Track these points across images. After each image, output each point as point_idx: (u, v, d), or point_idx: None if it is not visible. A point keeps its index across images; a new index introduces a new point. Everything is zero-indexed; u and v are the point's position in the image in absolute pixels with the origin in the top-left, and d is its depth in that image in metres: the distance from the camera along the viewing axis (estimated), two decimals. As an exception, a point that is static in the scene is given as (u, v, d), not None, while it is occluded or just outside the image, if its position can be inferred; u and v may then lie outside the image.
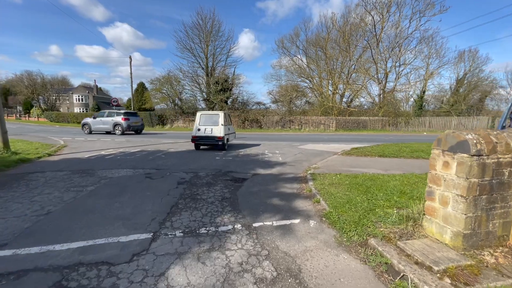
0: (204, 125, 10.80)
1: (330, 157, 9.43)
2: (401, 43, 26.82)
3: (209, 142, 10.85)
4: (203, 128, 10.75)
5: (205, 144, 11.12)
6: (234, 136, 13.23)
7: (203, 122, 10.86)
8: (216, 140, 10.61)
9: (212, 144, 10.99)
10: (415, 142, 13.12)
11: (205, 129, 10.72)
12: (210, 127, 10.70)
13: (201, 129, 10.75)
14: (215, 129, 10.64)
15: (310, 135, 21.81)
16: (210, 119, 10.86)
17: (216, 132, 10.62)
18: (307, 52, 39.40)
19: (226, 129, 11.13)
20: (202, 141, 10.88)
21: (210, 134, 10.65)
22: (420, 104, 31.29)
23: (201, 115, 11.11)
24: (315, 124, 26.25)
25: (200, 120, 10.90)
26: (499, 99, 38.74)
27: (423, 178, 5.88)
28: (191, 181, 5.89)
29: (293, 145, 13.14)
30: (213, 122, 10.76)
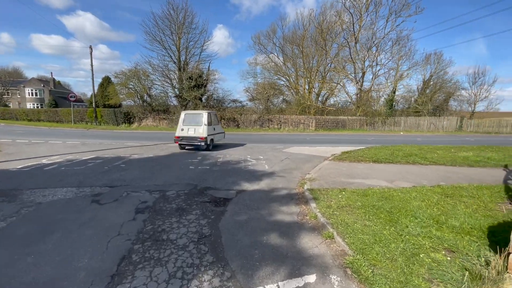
0: (188, 125, 10.44)
1: (321, 163, 8.36)
2: (378, 43, 26.98)
3: (192, 143, 10.41)
4: (186, 128, 10.40)
5: (188, 144, 10.60)
6: (223, 137, 12.52)
7: (186, 122, 10.51)
8: (199, 140, 10.16)
9: (195, 145, 10.44)
10: (403, 145, 12.63)
11: (188, 129, 10.36)
12: (193, 127, 10.32)
13: (184, 129, 10.41)
14: (198, 129, 10.23)
15: (291, 135, 20.87)
16: (194, 119, 10.47)
17: (199, 132, 10.19)
18: (284, 49, 38.66)
19: (211, 129, 10.66)
20: (185, 142, 10.44)
21: (193, 134, 10.25)
22: (390, 104, 32.06)
23: (185, 114, 10.77)
24: (294, 124, 25.44)
25: (184, 120, 10.56)
26: (461, 100, 41.29)
27: (441, 194, 4.98)
28: (155, 207, 4.36)
29: (277, 148, 11.94)
30: (196, 122, 10.35)
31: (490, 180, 6.48)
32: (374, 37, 26.81)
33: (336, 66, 28.88)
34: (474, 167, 8.11)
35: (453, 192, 5.05)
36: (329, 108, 30.41)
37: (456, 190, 5.23)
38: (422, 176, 6.69)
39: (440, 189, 5.34)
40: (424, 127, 26.69)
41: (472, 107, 40.74)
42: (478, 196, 4.85)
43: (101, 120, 28.37)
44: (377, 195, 4.82)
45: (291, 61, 37.53)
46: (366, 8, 25.18)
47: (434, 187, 5.52)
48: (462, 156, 9.36)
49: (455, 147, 11.48)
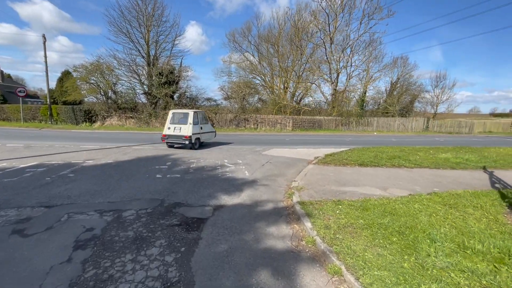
0: (174, 123, 10.68)
1: (306, 168, 7.68)
2: (352, 44, 27.39)
3: (177, 141, 10.60)
4: (173, 126, 10.63)
5: (174, 143, 10.76)
6: (213, 136, 12.55)
7: (173, 121, 10.75)
8: (183, 139, 10.31)
9: (180, 143, 10.59)
10: (384, 146, 12.49)
11: (175, 128, 10.56)
12: (180, 126, 10.50)
13: (171, 127, 10.65)
14: (184, 128, 10.39)
15: (269, 136, 20.20)
16: (180, 118, 10.70)
17: (184, 131, 10.35)
18: (259, 48, 38.06)
19: (197, 128, 10.77)
20: (171, 140, 10.69)
21: (178, 133, 10.44)
22: (361, 104, 33.02)
23: (172, 113, 11.05)
24: (271, 124, 24.86)
25: (171, 119, 10.83)
26: (425, 102, 44.06)
27: (443, 204, 4.50)
28: (104, 237, 3.27)
29: (256, 150, 11.11)
30: (182, 121, 10.55)
31: (478, 184, 6.26)
32: (348, 39, 27.20)
33: (311, 66, 28.86)
34: (457, 169, 7.98)
35: (455, 202, 4.60)
36: (304, 108, 30.35)
37: (456, 199, 4.80)
38: (413, 182, 6.28)
39: (438, 198, 4.88)
40: (395, 128, 27.67)
41: (435, 109, 43.64)
42: (481, 206, 4.44)
43: (58, 118, 25.38)
44: (378, 208, 4.18)
45: (267, 60, 37.05)
46: (342, 9, 25.39)
47: (431, 195, 5.06)
48: (442, 157, 9.31)
49: (433, 149, 11.56)
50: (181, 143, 10.47)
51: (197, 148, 10.86)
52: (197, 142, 10.88)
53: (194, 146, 10.62)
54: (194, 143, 10.61)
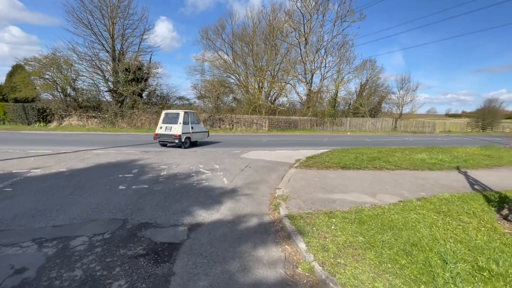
0: (166, 123, 11.17)
1: (288, 172, 7.22)
2: (326, 46, 27.80)
3: (168, 140, 11.13)
4: (164, 126, 11.14)
5: (166, 141, 11.34)
6: (206, 136, 12.94)
7: (165, 120, 11.28)
8: (173, 138, 10.79)
9: (171, 142, 11.13)
10: (362, 147, 12.52)
11: (166, 127, 11.07)
12: (170, 125, 10.99)
13: (162, 127, 11.18)
14: (174, 128, 10.86)
15: (245, 136, 19.59)
16: (171, 118, 11.18)
17: (174, 130, 10.82)
18: (233, 47, 37.30)
19: (187, 128, 11.14)
20: (162, 139, 11.28)
21: (169, 132, 10.92)
22: (333, 105, 33.89)
23: (164, 113, 11.61)
24: (247, 124, 24.29)
25: (163, 119, 11.38)
26: (392, 103, 46.53)
27: (436, 212, 4.27)
28: (39, 283, 2.42)
29: (233, 152, 10.45)
30: (173, 121, 10.99)
31: (459, 186, 6.27)
32: (322, 40, 27.56)
33: (286, 66, 28.83)
34: (434, 170, 8.08)
35: (448, 209, 4.39)
36: (280, 108, 30.25)
37: (447, 205, 4.62)
38: (399, 185, 6.10)
39: (430, 204, 4.67)
40: (366, 128, 28.67)
41: (400, 109, 46.32)
42: (474, 213, 4.28)
43: (5, 118, 22.37)
44: (375, 221, 3.80)
45: (241, 59, 36.40)
46: (316, 10, 25.62)
47: (422, 201, 4.84)
48: (418, 158, 9.45)
49: (408, 149, 11.83)
50: (172, 141, 11.01)
51: (187, 147, 11.32)
52: (188, 141, 11.34)
53: (184, 145, 11.09)
54: (184, 142, 11.05)
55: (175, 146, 11.39)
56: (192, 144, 11.87)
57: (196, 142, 12.35)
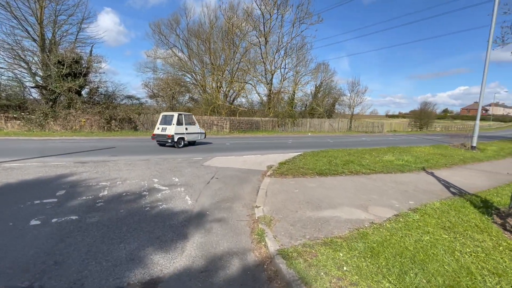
0: (162, 124, 11.99)
1: (263, 183, 6.23)
2: (285, 47, 27.77)
3: (162, 140, 11.89)
4: (161, 127, 11.98)
5: (161, 141, 12.12)
6: (202, 137, 13.53)
7: (162, 122, 12.11)
8: (167, 138, 11.58)
9: (165, 142, 11.90)
10: (331, 150, 12.21)
11: (162, 128, 11.90)
12: (166, 126, 11.77)
13: (159, 128, 12.02)
14: (168, 128, 11.64)
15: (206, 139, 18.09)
16: (167, 119, 11.95)
17: (168, 131, 11.58)
18: (189, 44, 35.12)
19: (181, 128, 11.90)
20: (159, 139, 12.05)
21: (164, 132, 11.70)
22: (291, 106, 34.46)
23: (162, 115, 12.55)
24: (207, 125, 22.72)
25: (161, 120, 12.24)
26: (344, 104, 49.50)
27: (443, 228, 3.73)
28: None
29: (194, 159, 9.07)
30: (168, 122, 11.78)
31: (438, 190, 6.08)
32: (281, 41, 27.46)
33: (246, 66, 28.03)
34: (405, 172, 7.99)
35: (451, 224, 3.91)
36: (240, 109, 29.30)
37: (445, 218, 4.16)
38: (384, 194, 5.61)
39: (429, 217, 4.15)
40: (325, 128, 29.55)
41: (352, 110, 49.61)
42: (477, 226, 3.86)
43: None
44: (388, 250, 3.02)
45: (198, 57, 34.44)
46: (276, 9, 25.33)
47: (418, 213, 4.31)
48: (386, 160, 9.39)
49: (374, 150, 11.93)
50: (165, 141, 11.84)
51: (181, 147, 12.07)
52: (181, 141, 12.11)
53: (177, 145, 11.89)
54: (177, 142, 11.85)
55: (171, 146, 12.20)
56: (190, 144, 13.14)
57: (195, 143, 13.63)
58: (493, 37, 13.99)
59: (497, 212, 4.69)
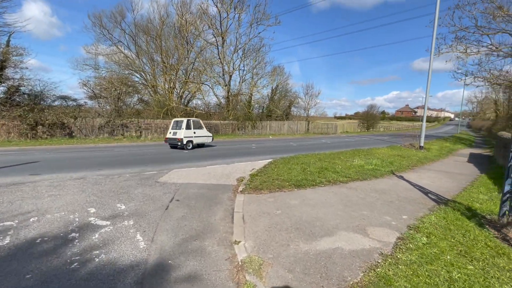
0: (173, 129, 13.76)
1: (236, 202, 5.15)
2: (244, 47, 26.95)
3: (173, 143, 13.47)
4: (172, 131, 13.73)
5: (172, 144, 13.62)
6: (209, 140, 14.79)
7: (173, 127, 13.88)
8: (177, 141, 13.21)
9: (176, 145, 13.39)
10: (300, 155, 11.64)
11: (173, 133, 13.61)
12: (176, 131, 13.48)
13: (171, 132, 13.81)
14: (178, 132, 13.28)
15: (159, 147, 16.06)
16: (178, 124, 13.65)
17: (177, 134, 13.25)
18: (137, 40, 31.84)
19: (189, 132, 13.43)
20: (170, 142, 13.66)
21: (174, 136, 13.38)
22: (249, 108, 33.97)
23: (174, 121, 14.20)
24: (160, 130, 20.46)
25: (172, 125, 14.06)
26: (299, 107, 51.02)
27: (460, 254, 3.18)
28: None
29: (146, 175, 7.47)
30: (179, 127, 13.45)
31: (419, 198, 5.83)
32: (239, 41, 26.60)
33: (203, 66, 26.41)
34: (379, 177, 7.77)
35: (464, 246, 3.42)
36: (197, 111, 27.45)
37: (452, 237, 3.70)
38: (372, 208, 5.05)
39: (436, 238, 3.63)
40: (284, 131, 29.61)
41: (307, 113, 51.40)
42: (488, 246, 3.44)
43: None
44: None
45: (147, 55, 31.43)
46: (234, 8, 24.33)
47: (422, 234, 3.77)
48: (357, 165, 9.16)
49: (341, 154, 11.77)
50: (176, 144, 13.12)
51: (190, 149, 13.39)
52: (190, 144, 13.44)
53: (186, 147, 13.23)
54: (186, 144, 13.20)
55: (180, 148, 13.44)
56: (199, 146, 14.55)
57: (203, 145, 14.99)
58: (433, 47, 15.40)
59: (488, 222, 4.48)
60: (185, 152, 12.78)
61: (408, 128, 62.80)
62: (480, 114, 72.46)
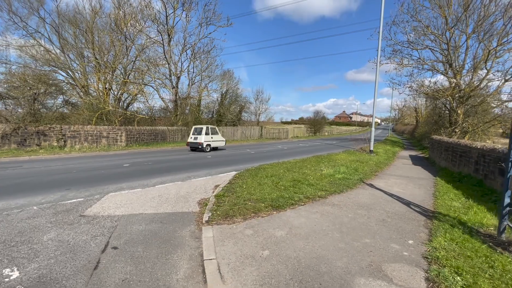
0: (194, 134, 16.54)
1: (203, 240, 3.72)
2: (193, 47, 24.97)
3: (195, 146, 16.26)
4: (193, 136, 16.50)
5: (193, 147, 16.39)
6: (223, 144, 17.86)
7: (194, 133, 16.63)
8: (198, 144, 16.03)
9: (196, 147, 16.18)
10: (265, 165, 10.56)
11: (194, 137, 16.42)
12: (197, 136, 16.27)
13: (192, 137, 16.54)
14: (199, 137, 16.10)
15: (90, 160, 13.09)
16: (197, 130, 16.59)
17: (199, 139, 16.05)
18: (61, 32, 26.69)
19: (208, 137, 16.29)
20: (192, 145, 16.42)
21: (196, 140, 16.19)
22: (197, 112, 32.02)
23: (194, 128, 17.10)
24: (92, 138, 17.00)
25: (192, 131, 16.80)
26: (250, 112, 50.80)
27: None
28: None
29: (63, 207, 5.35)
30: (198, 132, 16.36)
31: (405, 212, 5.35)
32: (187, 40, 24.58)
33: (146, 66, 23.48)
34: (353, 188, 7.26)
35: (505, 285, 2.77)
36: (140, 116, 24.18)
37: (479, 269, 3.06)
38: (370, 233, 4.26)
39: (476, 277, 2.93)
40: (238, 136, 28.48)
41: (258, 118, 51.45)
42: (527, 279, 2.88)
43: None
44: None
45: (76, 50, 26.60)
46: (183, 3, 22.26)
47: (448, 269, 3.05)
48: (328, 174, 8.60)
49: (305, 161, 11.15)
50: (197, 146, 16.17)
51: (208, 151, 16.36)
52: (208, 147, 16.46)
53: (205, 149, 16.20)
54: (205, 147, 16.15)
55: (200, 151, 16.18)
56: (213, 149, 17.15)
57: (217, 148, 17.60)
58: (379, 58, 16.47)
59: (491, 239, 4.11)
60: (125, 166, 10.44)
61: (347, 132, 68.96)
62: (401, 120, 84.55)
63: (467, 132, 18.73)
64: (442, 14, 18.66)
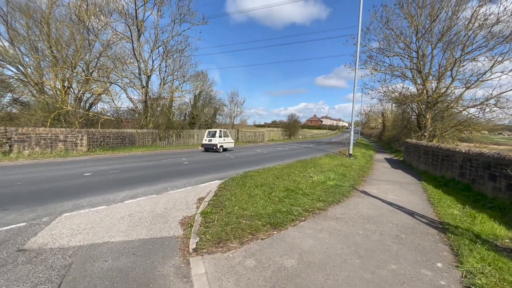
0: (208, 137, 18.54)
1: (195, 284, 2.80)
2: (165, 44, 23.34)
3: (209, 147, 18.24)
4: (207, 139, 18.44)
5: (208, 148, 18.37)
6: (232, 145, 20.52)
7: (208, 136, 18.66)
8: (212, 145, 18.05)
9: (211, 148, 18.21)
10: (252, 171, 9.68)
11: (209, 140, 18.39)
12: (211, 138, 18.33)
13: (206, 140, 18.47)
14: (213, 140, 18.15)
15: (42, 169, 11.15)
16: (212, 134, 18.62)
17: (213, 141, 18.09)
18: (11, 22, 23.37)
19: (221, 140, 18.44)
20: (206, 146, 18.38)
21: (210, 142, 18.20)
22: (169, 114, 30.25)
23: (208, 131, 19.13)
24: (45, 142, 14.72)
25: (207, 134, 18.81)
26: (225, 115, 49.62)
27: None
28: None
29: (3, 236, 4.02)
30: (212, 135, 18.46)
31: (413, 224, 4.92)
32: (159, 37, 22.94)
33: (113, 62, 21.39)
34: (349, 196, 6.77)
35: None
36: (104, 117, 21.88)
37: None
38: (392, 255, 3.67)
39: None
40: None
41: (232, 121, 50.40)
42: None
43: None
44: None
45: (28, 43, 23.46)
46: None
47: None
48: (319, 181, 8.03)
49: (293, 168, 10.49)
50: (211, 148, 18.12)
51: (221, 152, 18.38)
52: (221, 148, 18.58)
53: (219, 150, 18.17)
54: (219, 148, 18.18)
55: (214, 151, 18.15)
56: (224, 150, 19.40)
57: (227, 149, 19.93)
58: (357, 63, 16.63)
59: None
60: (86, 173, 8.90)
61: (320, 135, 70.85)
62: (367, 124, 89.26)
63: (435, 136, 19.77)
64: (411, 24, 19.57)
